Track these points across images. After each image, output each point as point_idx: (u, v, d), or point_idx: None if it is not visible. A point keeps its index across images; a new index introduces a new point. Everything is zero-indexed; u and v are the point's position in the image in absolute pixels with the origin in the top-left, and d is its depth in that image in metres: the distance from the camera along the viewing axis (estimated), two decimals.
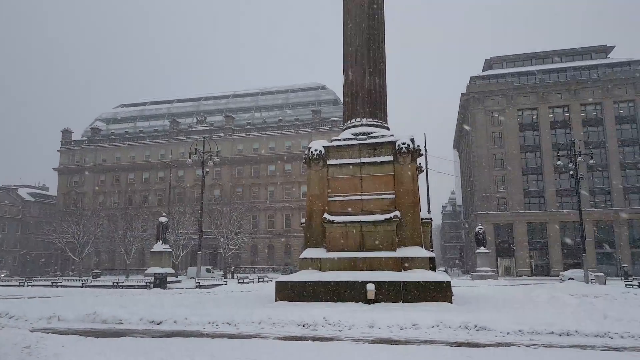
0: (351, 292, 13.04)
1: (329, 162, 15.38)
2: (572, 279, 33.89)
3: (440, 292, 12.81)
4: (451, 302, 12.72)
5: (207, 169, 35.74)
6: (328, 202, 15.12)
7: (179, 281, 35.00)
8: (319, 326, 9.78)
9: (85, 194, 79.63)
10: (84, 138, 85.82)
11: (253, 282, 33.45)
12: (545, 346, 7.92)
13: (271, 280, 28.56)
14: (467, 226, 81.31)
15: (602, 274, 36.24)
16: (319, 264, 14.50)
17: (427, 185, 37.89)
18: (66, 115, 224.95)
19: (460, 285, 26.10)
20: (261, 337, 9.03)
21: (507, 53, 70.90)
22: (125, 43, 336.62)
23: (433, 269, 14.82)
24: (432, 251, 16.27)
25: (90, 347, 7.70)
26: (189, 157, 34.77)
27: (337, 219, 14.71)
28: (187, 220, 57.78)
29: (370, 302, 12.68)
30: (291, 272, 54.77)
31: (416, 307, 11.76)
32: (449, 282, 13.28)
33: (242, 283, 31.90)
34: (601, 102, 60.22)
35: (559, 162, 40.69)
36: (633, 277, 35.60)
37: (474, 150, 63.96)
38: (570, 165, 33.68)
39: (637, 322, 9.70)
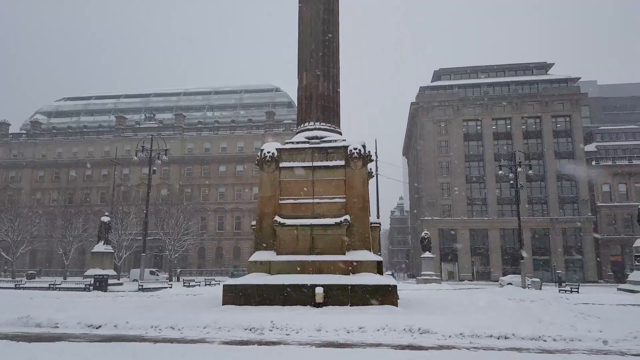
0: (300, 296, 13.01)
1: (282, 164, 15.31)
2: (511, 284, 35.58)
3: (386, 296, 13.06)
4: (397, 306, 13.00)
5: (155, 168, 34.54)
6: (279, 204, 15.04)
7: (120, 284, 33.53)
8: (266, 330, 9.67)
9: (22, 190, 74.60)
10: (23, 131, 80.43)
11: (200, 285, 32.62)
12: (485, 349, 8.25)
13: (219, 284, 27.97)
14: (413, 231, 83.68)
15: (538, 280, 38.39)
16: (268, 267, 14.37)
17: (377, 191, 38.61)
18: (2, 107, 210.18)
19: (406, 289, 26.75)
20: (206, 342, 8.81)
21: (455, 65, 73.90)
22: (72, 35, 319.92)
23: (380, 272, 15.10)
24: (379, 255, 16.56)
25: (21, 353, 7.19)
26: (136, 155, 33.45)
27: (288, 221, 14.66)
28: (131, 221, 55.47)
29: (318, 305, 12.70)
30: (238, 276, 54.19)
31: (363, 310, 11.91)
32: (395, 286, 13.56)
33: (188, 286, 31.01)
34: (540, 116, 64.05)
35: (500, 172, 42.81)
36: (566, 282, 37.99)
37: (422, 158, 66.01)
38: (511, 175, 35.53)
39: (569, 325, 10.34)
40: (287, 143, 15.92)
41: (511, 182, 35.65)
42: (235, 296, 13.37)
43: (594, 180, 61.33)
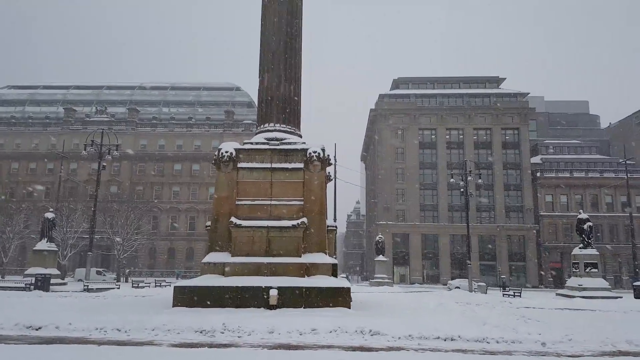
0: (254, 298, 12.92)
1: (240, 165, 15.17)
2: (458, 287, 36.96)
3: (340, 298, 13.21)
4: (350, 308, 13.18)
5: (105, 164, 33.22)
6: (236, 205, 14.88)
7: (64, 283, 31.91)
8: (218, 332, 9.55)
9: None
10: None
11: (149, 286, 31.61)
12: (432, 350, 8.54)
13: (169, 285, 27.25)
14: (368, 235, 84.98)
15: (484, 284, 40.04)
16: (222, 269, 14.18)
17: (335, 194, 38.98)
18: None
19: (359, 291, 27.14)
20: (154, 344, 8.58)
21: (413, 75, 75.85)
22: (16, 19, 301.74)
23: (335, 275, 15.26)
24: (335, 258, 16.75)
25: None
26: (85, 149, 32.03)
27: (244, 223, 14.53)
28: (78, 218, 52.90)
29: (272, 307, 12.67)
30: (185, 277, 52.93)
31: (317, 313, 12.00)
32: (349, 289, 13.75)
33: (137, 287, 29.97)
34: (491, 128, 66.98)
35: (452, 180, 44.71)
36: (509, 287, 39.83)
37: (379, 164, 67.30)
38: (462, 183, 36.93)
39: (511, 328, 10.87)
40: (246, 143, 15.80)
41: (462, 190, 37.05)
42: (187, 298, 13.09)
43: (538, 191, 64.82)
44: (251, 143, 15.71)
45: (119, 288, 28.77)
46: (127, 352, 7.81)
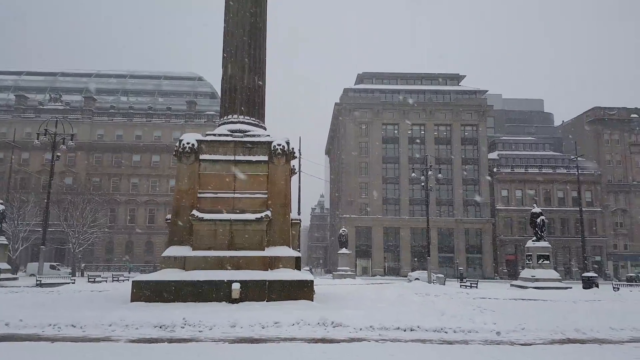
0: (216, 292, 12.77)
1: (202, 156, 14.86)
2: (418, 279, 37.85)
3: (303, 291, 13.27)
4: (313, 300, 13.26)
5: (59, 154, 31.75)
6: (198, 198, 14.60)
7: (15, 278, 30.38)
8: (178, 327, 9.37)
9: None
10: None
11: (107, 281, 30.62)
12: (392, 340, 8.73)
13: (128, 280, 26.52)
14: (332, 228, 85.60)
15: (442, 276, 41.23)
16: (183, 263, 13.90)
17: (299, 188, 38.90)
18: None
19: (322, 284, 27.34)
20: (111, 340, 8.33)
21: (377, 70, 76.57)
22: None
23: (298, 268, 15.29)
24: (299, 251, 16.77)
25: None
26: (37, 139, 30.47)
27: (206, 216, 14.28)
28: (30, 210, 50.40)
29: (235, 301, 12.57)
30: (135, 271, 51.56)
31: (280, 306, 12.00)
32: (312, 281, 13.83)
33: (94, 282, 28.96)
34: (451, 124, 68.77)
35: (413, 174, 45.73)
36: (467, 278, 41.18)
37: (343, 158, 67.80)
38: (422, 177, 37.77)
39: (467, 318, 11.25)
40: (208, 135, 15.48)
41: (422, 184, 37.88)
42: (146, 293, 12.76)
43: (495, 185, 67.26)
44: (214, 135, 15.42)
45: (74, 283, 27.73)
46: (82, 349, 7.55)
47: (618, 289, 29.17)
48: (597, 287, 28.04)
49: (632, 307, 16.51)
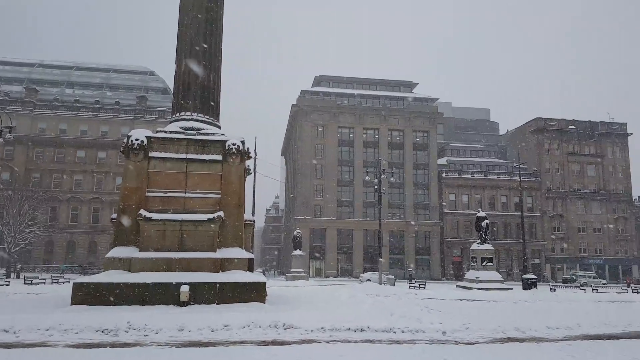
0: (164, 295, 12.35)
1: (152, 154, 14.34)
2: (369, 280, 38.48)
3: (255, 293, 13.10)
4: (265, 302, 13.13)
5: None
6: (146, 197, 14.07)
7: None
8: (122, 331, 8.99)
9: None
10: None
11: (45, 283, 28.86)
12: (342, 341, 8.80)
13: (68, 282, 25.15)
14: (287, 230, 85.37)
15: (393, 277, 42.12)
16: (128, 265, 13.34)
17: (254, 188, 38.45)
18: None
19: (275, 285, 27.16)
20: (48, 346, 7.86)
21: (334, 74, 77.37)
22: None
23: (251, 270, 15.09)
24: (252, 253, 16.57)
25: None
26: None
27: (155, 216, 13.79)
28: None
29: (183, 304, 12.21)
30: (69, 272, 49.01)
31: (230, 308, 11.79)
32: (264, 283, 13.69)
33: (31, 284, 27.18)
34: (404, 130, 70.56)
35: (367, 177, 46.56)
36: (415, 279, 42.29)
37: (299, 159, 67.83)
38: (376, 181, 38.46)
39: (415, 318, 11.55)
40: (159, 132, 14.98)
41: (376, 187, 38.58)
42: (88, 295, 12.15)
43: (443, 190, 69.66)
44: (165, 132, 14.93)
45: (8, 285, 25.89)
46: (15, 355, 7.06)
47: (555, 290, 30.99)
48: (536, 288, 29.61)
49: (566, 308, 17.59)
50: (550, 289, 31.66)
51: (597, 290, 31.91)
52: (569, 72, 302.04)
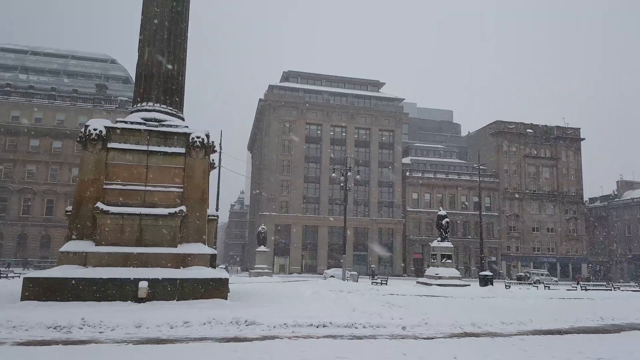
0: (121, 291, 11.97)
1: (111, 145, 13.83)
2: (333, 276, 38.74)
3: (217, 289, 12.91)
4: (227, 299, 12.96)
5: None
6: (104, 190, 13.57)
7: None
8: (75, 328, 8.64)
9: None
10: None
11: None
12: (304, 337, 8.81)
13: (19, 276, 23.98)
14: (251, 225, 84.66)
15: (356, 273, 42.59)
16: (84, 259, 12.84)
17: (219, 183, 37.92)
18: None
19: (238, 282, 26.88)
20: None
21: (302, 70, 77.18)
22: None
23: (213, 266, 14.86)
24: (215, 248, 16.30)
25: None
26: None
27: (113, 209, 13.33)
28: None
29: (141, 300, 11.88)
30: (41, 268, 47.09)
31: (191, 305, 11.58)
32: (226, 279, 13.51)
33: None
34: (370, 128, 71.34)
35: (333, 174, 46.77)
36: (378, 276, 42.95)
37: (265, 155, 67.34)
38: (342, 178, 38.72)
39: (377, 314, 11.70)
40: (119, 122, 14.46)
41: (342, 184, 38.84)
42: (40, 290, 11.60)
43: (407, 188, 70.99)
44: (125, 122, 14.43)
45: None
46: None
47: (509, 287, 32.20)
48: (492, 284, 30.66)
49: (520, 304, 18.31)
50: (505, 285, 32.86)
51: (548, 287, 33.38)
52: (530, 76, 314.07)
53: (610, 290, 31.85)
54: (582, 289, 31.28)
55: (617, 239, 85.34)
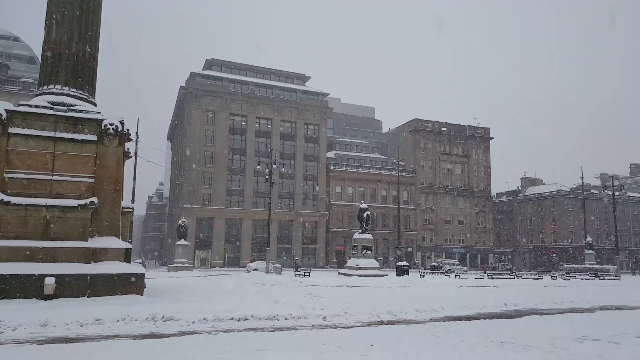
0: (25, 288, 11.01)
1: (12, 130, 12.57)
2: (257, 269, 38.53)
3: (131, 285, 12.34)
4: (142, 295, 12.46)
5: None
6: (5, 179, 12.33)
7: None
8: None
9: None
10: None
11: None
12: (225, 331, 8.74)
13: None
14: (171, 218, 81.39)
15: (280, 266, 42.74)
16: None
17: (135, 174, 36.01)
18: None
19: (156, 277, 25.84)
20: None
21: (226, 59, 75.28)
22: None
23: (128, 260, 14.14)
24: (130, 242, 15.52)
25: None
26: None
27: (14, 200, 12.16)
28: None
29: (48, 298, 11.02)
30: None
31: (104, 302, 10.98)
32: (142, 274, 12.97)
33: None
34: (296, 122, 71.60)
35: (258, 167, 46.52)
36: (301, 268, 43.44)
37: (187, 145, 64.91)
38: (267, 171, 38.55)
39: (298, 305, 11.91)
40: (22, 105, 13.18)
41: (266, 177, 38.67)
42: None
43: (330, 182, 72.45)
44: (30, 105, 13.19)
45: None
46: None
47: (424, 276, 34.21)
48: (408, 274, 32.37)
49: (432, 291, 19.59)
50: (420, 275, 34.86)
51: (459, 276, 35.94)
52: (448, 77, 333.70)
53: (514, 278, 34.91)
54: (489, 278, 33.99)
55: (520, 231, 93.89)
